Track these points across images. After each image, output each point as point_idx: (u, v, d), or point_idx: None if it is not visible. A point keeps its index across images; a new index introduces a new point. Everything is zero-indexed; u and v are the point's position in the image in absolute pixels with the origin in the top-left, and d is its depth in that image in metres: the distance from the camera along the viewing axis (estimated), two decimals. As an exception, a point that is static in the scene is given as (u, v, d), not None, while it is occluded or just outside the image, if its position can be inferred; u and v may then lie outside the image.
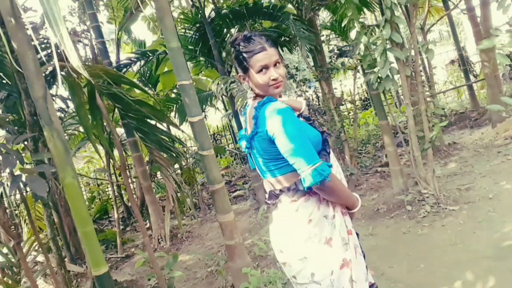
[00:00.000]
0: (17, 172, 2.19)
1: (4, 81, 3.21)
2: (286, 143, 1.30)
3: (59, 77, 1.38)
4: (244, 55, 1.42)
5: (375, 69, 3.86)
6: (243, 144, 1.56)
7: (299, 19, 5.22)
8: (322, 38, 5.80)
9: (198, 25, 5.64)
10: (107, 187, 8.88)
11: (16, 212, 5.62)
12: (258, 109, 1.39)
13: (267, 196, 1.54)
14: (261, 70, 1.40)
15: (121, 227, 6.30)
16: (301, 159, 1.29)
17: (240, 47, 1.44)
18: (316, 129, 1.46)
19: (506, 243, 2.79)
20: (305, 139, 1.32)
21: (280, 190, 1.44)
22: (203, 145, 2.92)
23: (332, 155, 1.47)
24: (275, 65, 1.42)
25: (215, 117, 12.39)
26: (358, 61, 4.69)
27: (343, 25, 5.32)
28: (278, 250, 1.48)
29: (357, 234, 1.52)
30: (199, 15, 5.47)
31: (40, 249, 3.39)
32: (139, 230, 6.19)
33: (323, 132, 1.47)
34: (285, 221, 1.44)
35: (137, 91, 6.22)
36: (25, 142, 3.07)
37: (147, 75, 7.01)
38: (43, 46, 4.10)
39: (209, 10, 5.86)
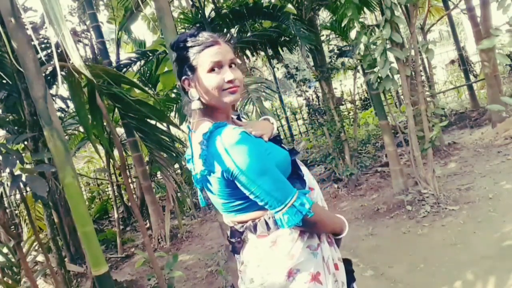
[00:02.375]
0: (17, 172, 2.19)
1: (4, 81, 3.21)
2: (251, 183, 1.02)
3: (59, 77, 1.38)
4: (191, 50, 1.10)
5: (375, 69, 3.86)
6: (196, 177, 1.19)
7: (299, 19, 5.22)
8: (322, 38, 5.80)
9: (198, 25, 5.64)
10: (107, 187, 8.88)
11: (16, 212, 5.62)
12: (205, 144, 1.06)
13: (228, 233, 1.23)
14: (213, 70, 1.09)
15: (121, 227, 6.30)
16: (273, 199, 1.03)
17: (186, 43, 1.12)
18: (283, 148, 1.18)
19: (506, 243, 2.79)
20: (274, 171, 1.05)
21: (246, 228, 1.14)
22: (203, 145, 2.91)
23: (307, 173, 1.22)
24: (230, 66, 1.12)
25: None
26: (358, 61, 4.69)
27: (343, 25, 5.31)
28: None
29: (350, 262, 1.27)
30: (199, 15, 5.46)
31: (40, 249, 3.39)
32: (139, 230, 6.19)
33: (291, 151, 1.19)
34: (257, 262, 1.12)
35: (137, 91, 6.21)
36: (25, 142, 3.08)
37: (147, 75, 7.00)
38: (43, 46, 4.10)
39: (209, 10, 5.86)
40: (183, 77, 1.15)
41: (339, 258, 1.22)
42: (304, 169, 1.21)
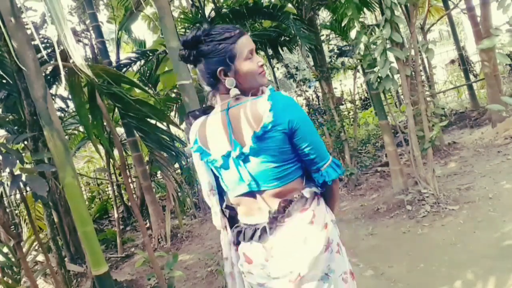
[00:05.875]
0: (17, 172, 2.19)
1: (4, 81, 3.21)
2: (308, 134, 1.17)
3: (63, 77, 1.38)
4: (228, 41, 1.19)
5: (375, 69, 3.86)
6: (218, 160, 1.25)
7: (299, 19, 5.22)
8: (322, 38, 5.80)
9: (198, 24, 5.64)
10: (107, 187, 8.88)
11: (16, 212, 5.62)
12: (273, 98, 1.16)
13: (263, 220, 1.23)
14: (248, 57, 1.21)
15: (121, 226, 6.30)
16: (321, 153, 1.20)
17: (218, 35, 1.20)
18: None
19: (506, 243, 2.79)
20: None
21: (290, 201, 1.20)
22: (203, 144, 2.91)
23: None
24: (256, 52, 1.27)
25: (215, 116, 12.34)
26: (358, 60, 4.69)
27: (343, 24, 5.32)
28: (293, 279, 1.18)
29: None
30: (199, 15, 5.47)
31: (40, 248, 3.39)
32: (139, 229, 6.19)
33: None
34: (299, 238, 1.19)
35: (137, 90, 6.21)
36: (25, 142, 3.07)
37: (147, 74, 7.00)
38: (43, 45, 4.10)
39: (209, 10, 5.87)
40: (219, 68, 1.20)
41: None
42: None
